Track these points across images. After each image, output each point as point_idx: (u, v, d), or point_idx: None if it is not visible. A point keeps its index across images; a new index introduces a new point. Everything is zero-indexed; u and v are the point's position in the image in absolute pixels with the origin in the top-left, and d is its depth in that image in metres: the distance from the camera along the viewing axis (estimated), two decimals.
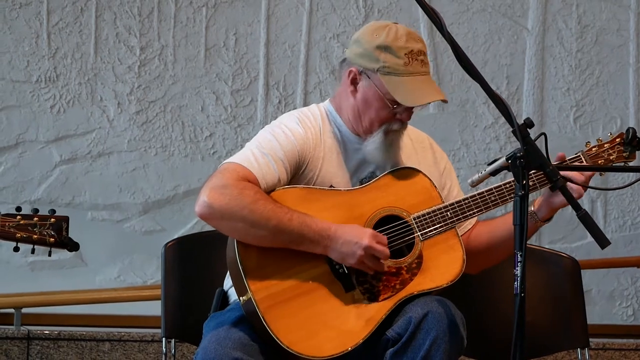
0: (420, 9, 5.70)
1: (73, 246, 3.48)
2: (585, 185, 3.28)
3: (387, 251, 3.26)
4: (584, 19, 6.13)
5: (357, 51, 3.38)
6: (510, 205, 2.96)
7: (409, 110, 3.37)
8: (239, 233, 3.25)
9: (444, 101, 3.36)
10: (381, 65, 3.33)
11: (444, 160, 3.57)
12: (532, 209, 3.39)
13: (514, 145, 5.79)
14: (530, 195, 2.91)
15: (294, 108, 5.66)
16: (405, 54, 3.32)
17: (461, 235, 3.42)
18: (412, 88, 3.32)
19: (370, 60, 3.35)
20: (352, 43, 3.42)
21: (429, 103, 3.39)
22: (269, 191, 3.29)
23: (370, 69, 3.35)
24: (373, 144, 3.39)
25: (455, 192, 3.53)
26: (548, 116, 6.09)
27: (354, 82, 3.39)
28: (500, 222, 3.49)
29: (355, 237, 3.24)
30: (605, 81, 6.13)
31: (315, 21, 5.90)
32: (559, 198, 3.28)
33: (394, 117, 3.37)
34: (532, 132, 2.96)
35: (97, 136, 5.69)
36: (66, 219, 3.48)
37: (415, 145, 3.52)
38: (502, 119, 5.83)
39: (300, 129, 3.38)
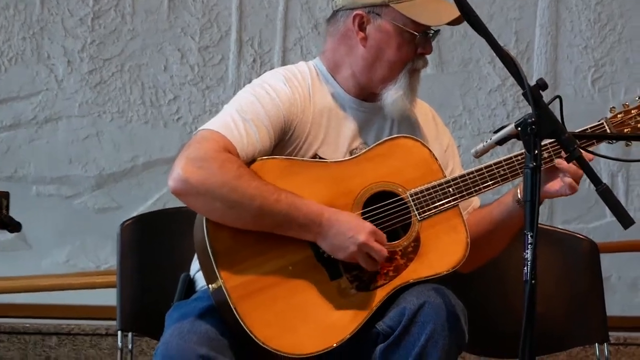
0: None
1: (15, 226, 3.46)
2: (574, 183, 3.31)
3: (385, 252, 3.26)
4: None
5: None
6: (502, 189, 2.91)
7: (429, 41, 3.42)
8: (216, 213, 3.24)
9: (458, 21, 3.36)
10: None
11: (447, 136, 3.59)
12: (518, 195, 3.38)
13: (523, 110, 5.80)
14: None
15: (271, 68, 5.67)
16: None
17: None
18: (431, 7, 3.39)
19: None
20: None
21: (457, 22, 3.37)
22: (248, 163, 3.28)
23: (378, 4, 3.40)
24: (398, 89, 3.41)
25: (456, 175, 3.51)
26: (562, 78, 6.10)
27: (362, 27, 3.42)
28: (494, 205, 3.49)
29: (351, 230, 3.23)
30: (628, 38, 6.13)
31: None
32: (551, 186, 3.34)
33: (415, 53, 3.42)
34: (545, 95, 2.96)
35: (44, 99, 5.68)
36: (6, 195, 3.46)
37: (419, 117, 3.55)
38: (510, 81, 5.86)
39: (287, 89, 3.39)
